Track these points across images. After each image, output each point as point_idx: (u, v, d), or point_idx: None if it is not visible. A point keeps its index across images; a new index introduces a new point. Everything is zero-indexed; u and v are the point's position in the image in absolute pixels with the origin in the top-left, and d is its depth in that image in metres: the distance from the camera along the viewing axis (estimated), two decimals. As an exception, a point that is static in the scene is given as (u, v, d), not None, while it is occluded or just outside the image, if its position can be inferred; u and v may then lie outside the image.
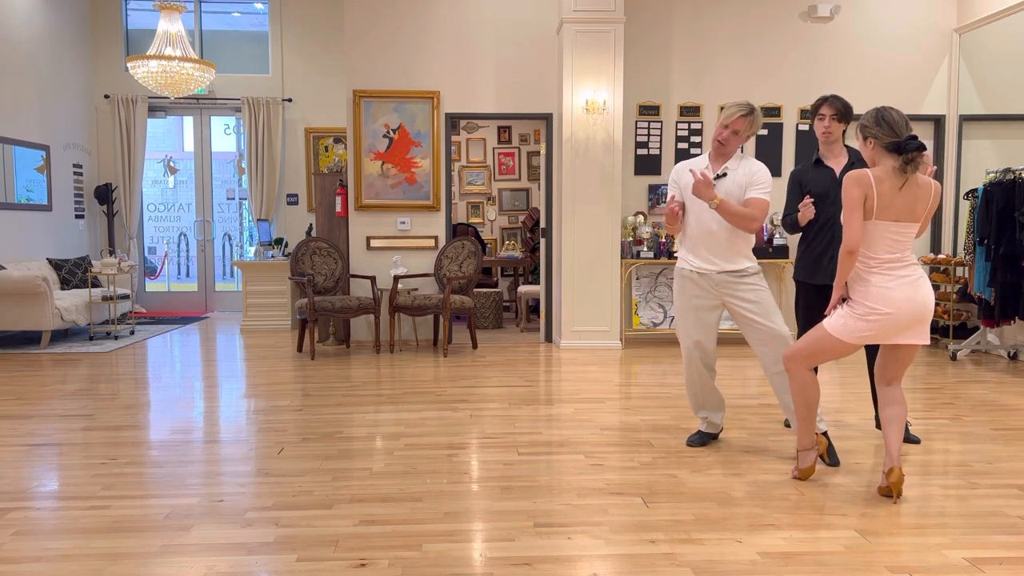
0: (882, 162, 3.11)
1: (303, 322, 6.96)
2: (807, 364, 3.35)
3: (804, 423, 3.44)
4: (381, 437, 4.20)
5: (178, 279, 10.74)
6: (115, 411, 4.80)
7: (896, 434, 3.21)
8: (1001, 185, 6.22)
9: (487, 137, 10.35)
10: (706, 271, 3.78)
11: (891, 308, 3.08)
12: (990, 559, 2.66)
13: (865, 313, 3.11)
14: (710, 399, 4.00)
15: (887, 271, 3.11)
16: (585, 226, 7.10)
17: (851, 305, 3.17)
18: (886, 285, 3.09)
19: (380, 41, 7.38)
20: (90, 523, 2.99)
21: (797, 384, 3.38)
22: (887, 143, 3.08)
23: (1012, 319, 6.33)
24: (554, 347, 7.28)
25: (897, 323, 3.09)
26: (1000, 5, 7.05)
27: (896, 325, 3.10)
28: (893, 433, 3.21)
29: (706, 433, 4.06)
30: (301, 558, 2.67)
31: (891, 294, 3.08)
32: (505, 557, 2.68)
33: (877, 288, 3.10)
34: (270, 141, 9.63)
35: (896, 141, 3.06)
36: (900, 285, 3.09)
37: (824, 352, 3.30)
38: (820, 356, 3.32)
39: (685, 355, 3.91)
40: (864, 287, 3.13)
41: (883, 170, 3.08)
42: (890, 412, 3.25)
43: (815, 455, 3.47)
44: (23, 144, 8.28)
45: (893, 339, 3.15)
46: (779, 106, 7.66)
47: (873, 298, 3.10)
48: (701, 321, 3.83)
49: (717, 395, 4.01)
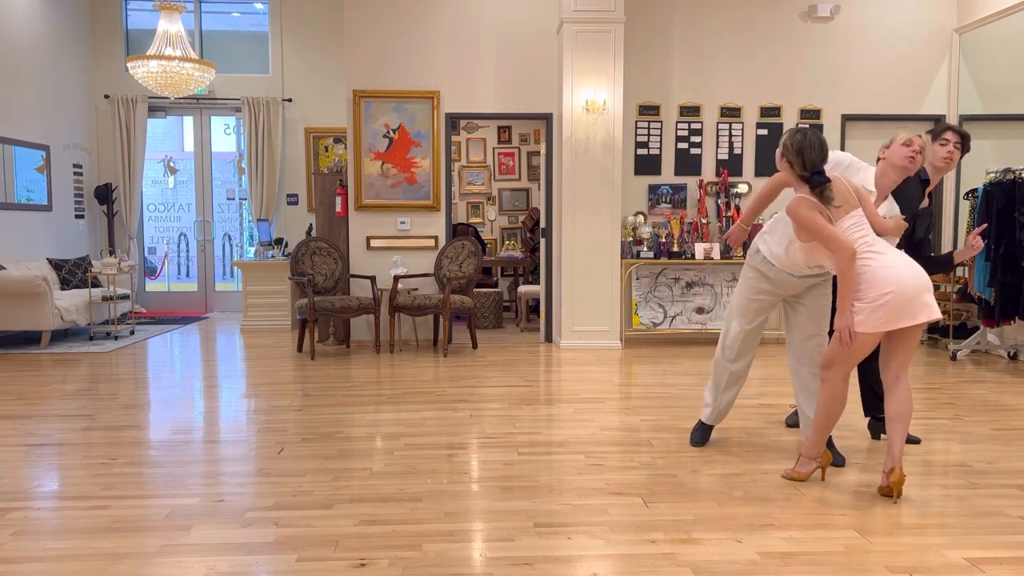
0: (799, 187, 3.34)
1: (303, 322, 6.96)
2: (843, 371, 3.30)
3: (820, 432, 3.41)
4: (381, 437, 4.20)
5: (178, 279, 10.74)
6: (115, 411, 4.80)
7: (900, 433, 3.19)
8: (1001, 185, 6.22)
9: (487, 137, 10.35)
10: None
11: (894, 284, 3.09)
12: (990, 559, 2.66)
13: (875, 299, 3.11)
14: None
15: (872, 255, 3.17)
16: (585, 226, 7.10)
17: (858, 299, 3.17)
18: (880, 264, 3.14)
19: (380, 41, 7.38)
20: (90, 523, 2.99)
21: (828, 394, 3.35)
22: (800, 174, 3.31)
23: (1012, 319, 6.33)
24: (554, 347, 7.28)
25: (905, 296, 3.08)
26: (1000, 5, 7.05)
27: (904, 299, 3.08)
28: (897, 432, 3.20)
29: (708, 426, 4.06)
30: (301, 558, 2.67)
31: (889, 272, 3.11)
32: (505, 557, 2.68)
33: (872, 270, 3.13)
34: (270, 141, 9.63)
35: (805, 175, 3.30)
36: (891, 260, 3.15)
37: (855, 352, 3.25)
38: (852, 356, 3.27)
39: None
40: (868, 274, 3.15)
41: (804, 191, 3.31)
42: (895, 409, 3.23)
43: (815, 467, 3.45)
44: (23, 144, 8.28)
45: (904, 318, 3.11)
46: (779, 106, 7.66)
47: (874, 285, 3.11)
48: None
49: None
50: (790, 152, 3.32)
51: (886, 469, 3.20)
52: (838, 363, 3.30)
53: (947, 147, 3.93)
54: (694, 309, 7.58)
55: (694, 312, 7.58)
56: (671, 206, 7.67)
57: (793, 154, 3.31)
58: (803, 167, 3.29)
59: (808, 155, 3.28)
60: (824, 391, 3.36)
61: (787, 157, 3.33)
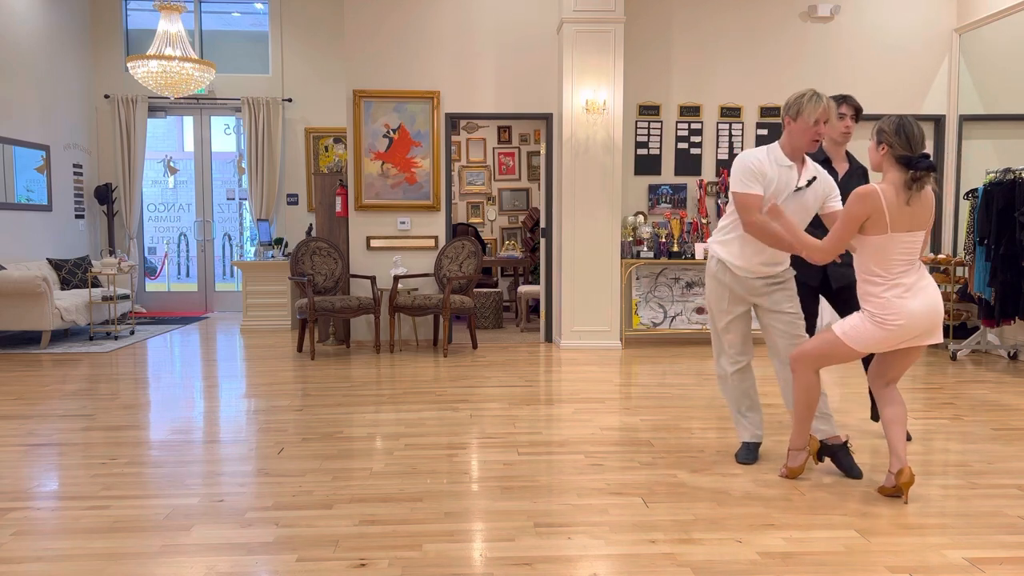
0: (889, 173, 3.09)
1: (303, 322, 6.96)
2: (814, 367, 3.35)
3: (801, 423, 3.44)
4: (381, 437, 4.20)
5: (178, 279, 10.74)
6: (115, 411, 4.80)
7: (900, 435, 3.20)
8: (1001, 185, 6.21)
9: (487, 137, 10.35)
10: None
11: (907, 318, 3.07)
12: (990, 559, 2.66)
13: (883, 322, 3.09)
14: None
15: (900, 282, 3.08)
16: (585, 226, 7.10)
17: (867, 312, 3.15)
18: (901, 296, 3.08)
19: (380, 41, 7.38)
20: (90, 523, 2.99)
21: (801, 385, 3.38)
22: (899, 155, 3.05)
23: (1012, 319, 6.32)
24: (554, 347, 7.28)
25: (914, 330, 3.09)
26: (1000, 5, 7.05)
27: (912, 331, 3.10)
28: (897, 434, 3.21)
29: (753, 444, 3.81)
30: (301, 558, 2.67)
31: (907, 304, 3.07)
32: (505, 557, 2.68)
33: (891, 300, 3.08)
34: (270, 141, 9.63)
35: (908, 156, 3.04)
36: (914, 294, 3.08)
37: (833, 357, 3.29)
38: (828, 360, 3.32)
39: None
40: (880, 300, 3.11)
41: (890, 184, 3.07)
42: (891, 412, 3.25)
43: (806, 456, 3.48)
44: (23, 144, 8.28)
45: (907, 344, 3.14)
46: (779, 106, 7.66)
47: (889, 309, 3.08)
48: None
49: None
50: (890, 134, 3.06)
51: (894, 470, 3.18)
52: (807, 360, 3.32)
53: (844, 121, 3.93)
54: (694, 309, 7.58)
55: (694, 312, 7.58)
56: (671, 206, 7.67)
57: (893, 134, 3.05)
58: (907, 143, 3.03)
59: (910, 131, 3.04)
60: (797, 382, 3.38)
61: (886, 140, 3.07)
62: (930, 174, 3.03)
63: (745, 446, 3.79)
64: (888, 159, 3.09)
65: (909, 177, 3.03)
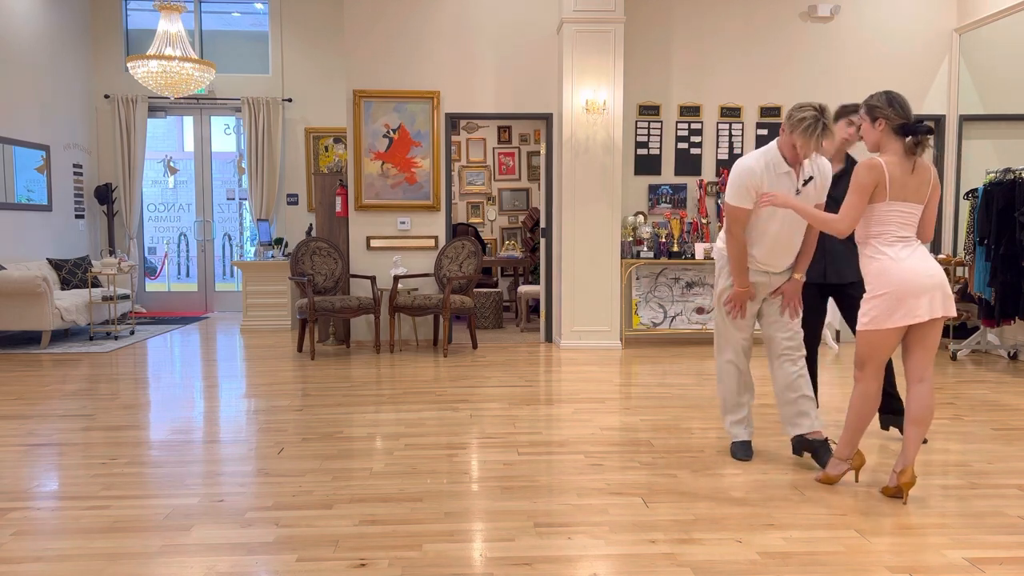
0: (889, 146, 3.14)
1: (303, 322, 6.96)
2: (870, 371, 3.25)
3: (852, 433, 3.33)
4: (381, 437, 4.20)
5: (178, 279, 10.74)
6: (115, 411, 4.80)
7: (916, 436, 3.15)
8: (1001, 185, 6.21)
9: (487, 137, 10.35)
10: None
11: (902, 277, 3.07)
12: (990, 559, 2.66)
13: (882, 292, 3.10)
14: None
15: (895, 248, 3.12)
16: (585, 226, 7.10)
17: (868, 293, 3.17)
18: (894, 256, 3.10)
19: (380, 41, 7.38)
20: (90, 523, 2.99)
21: (859, 391, 3.30)
22: (897, 125, 3.11)
23: (1012, 319, 6.32)
24: (554, 347, 7.28)
25: (913, 290, 3.06)
26: (1000, 5, 7.05)
27: (913, 293, 3.06)
28: (913, 435, 3.16)
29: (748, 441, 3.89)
30: (301, 558, 2.67)
31: (900, 264, 3.09)
32: (505, 557, 2.68)
33: (885, 263, 3.11)
34: (270, 141, 9.63)
35: (906, 123, 3.11)
36: (907, 255, 3.10)
37: (873, 348, 3.21)
38: (872, 356, 3.23)
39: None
40: (875, 267, 3.14)
41: (891, 155, 3.12)
42: (914, 412, 3.17)
43: (847, 468, 3.37)
44: (23, 144, 8.28)
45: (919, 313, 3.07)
46: (779, 106, 7.66)
47: (883, 277, 3.10)
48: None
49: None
50: (883, 107, 3.12)
51: (897, 469, 3.16)
52: (869, 361, 3.24)
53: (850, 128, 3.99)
54: (694, 309, 7.58)
55: (694, 312, 7.58)
56: (671, 206, 7.66)
57: (887, 106, 3.11)
58: (901, 112, 3.10)
59: (902, 100, 3.11)
60: (857, 390, 3.30)
61: (880, 113, 3.12)
62: (929, 137, 3.11)
63: (742, 443, 3.84)
64: (886, 132, 3.15)
65: (911, 142, 3.10)
